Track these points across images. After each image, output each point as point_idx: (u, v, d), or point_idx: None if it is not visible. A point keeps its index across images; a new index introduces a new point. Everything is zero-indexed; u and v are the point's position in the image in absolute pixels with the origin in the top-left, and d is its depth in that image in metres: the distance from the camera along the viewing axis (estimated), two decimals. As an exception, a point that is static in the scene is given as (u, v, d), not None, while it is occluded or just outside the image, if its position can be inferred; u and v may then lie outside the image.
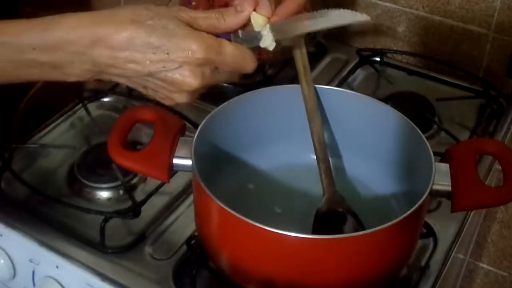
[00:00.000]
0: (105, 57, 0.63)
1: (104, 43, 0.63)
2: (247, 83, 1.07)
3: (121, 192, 0.88)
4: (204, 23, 0.65)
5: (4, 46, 0.63)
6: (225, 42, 0.65)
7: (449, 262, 0.80)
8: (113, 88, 1.04)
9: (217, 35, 0.66)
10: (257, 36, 0.67)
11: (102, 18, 0.64)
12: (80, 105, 1.01)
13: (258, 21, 0.67)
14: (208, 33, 0.65)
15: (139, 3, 0.65)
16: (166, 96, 0.67)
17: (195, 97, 0.67)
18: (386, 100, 0.99)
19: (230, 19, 0.66)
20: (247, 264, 0.67)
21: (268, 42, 0.68)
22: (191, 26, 0.64)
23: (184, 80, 0.64)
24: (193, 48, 0.62)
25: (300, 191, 0.80)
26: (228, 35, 0.67)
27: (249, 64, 0.67)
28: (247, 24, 0.67)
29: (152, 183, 0.87)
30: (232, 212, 0.63)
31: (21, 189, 0.87)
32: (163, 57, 0.62)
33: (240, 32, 0.67)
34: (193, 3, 0.92)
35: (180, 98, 0.66)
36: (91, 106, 1.02)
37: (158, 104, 0.97)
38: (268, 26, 0.67)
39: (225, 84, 1.07)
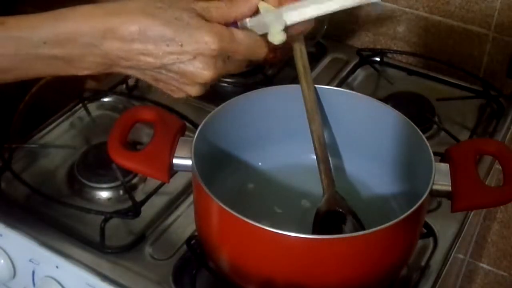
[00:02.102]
0: (116, 50, 0.63)
1: (115, 34, 0.62)
2: (247, 83, 1.07)
3: (121, 192, 0.88)
4: (215, 12, 0.65)
5: (15, 41, 0.63)
6: (237, 31, 0.65)
7: (449, 262, 0.80)
8: (113, 88, 1.04)
9: (227, 25, 0.66)
10: (266, 23, 0.67)
11: (113, 9, 0.63)
12: (80, 105, 1.01)
13: (266, 7, 0.67)
14: (219, 22, 0.65)
15: None
16: (177, 89, 0.67)
17: (206, 89, 0.67)
18: (386, 100, 0.99)
19: (240, 7, 0.66)
20: (247, 264, 0.67)
21: (277, 28, 0.67)
22: (203, 16, 0.64)
23: (198, 72, 0.63)
24: (207, 39, 0.62)
25: (300, 191, 0.80)
26: (236, 24, 0.67)
27: (261, 50, 0.67)
28: (257, 11, 0.67)
29: (152, 183, 0.87)
30: (232, 212, 0.63)
31: (21, 189, 0.87)
32: (177, 49, 0.62)
33: (248, 19, 0.67)
34: None
35: (192, 90, 0.66)
36: (91, 106, 1.02)
37: (158, 104, 0.98)
38: (276, 12, 0.67)
39: (225, 84, 1.07)
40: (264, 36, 0.68)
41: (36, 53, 0.63)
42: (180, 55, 0.62)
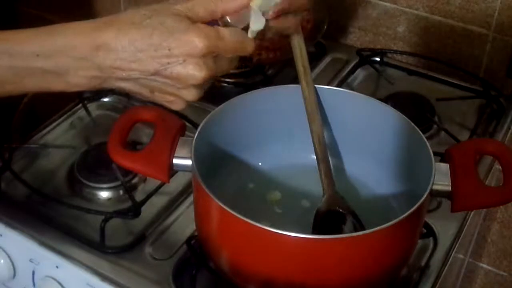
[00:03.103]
0: (110, 60, 0.63)
1: (107, 47, 0.63)
2: (247, 83, 1.07)
3: (121, 192, 0.88)
4: (201, 10, 0.66)
5: (8, 54, 0.63)
6: (222, 28, 0.66)
7: (449, 262, 0.80)
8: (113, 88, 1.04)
9: (212, 23, 0.66)
10: (246, 15, 0.67)
11: (104, 23, 0.64)
12: (80, 105, 1.02)
13: None
14: (206, 19, 0.66)
15: (140, 3, 0.65)
16: (174, 95, 0.67)
17: (202, 93, 0.67)
18: (386, 100, 0.99)
19: (227, 3, 0.66)
20: (247, 264, 0.67)
21: (258, 11, 0.67)
22: (189, 16, 0.65)
23: (189, 73, 0.64)
24: (194, 40, 0.63)
25: (300, 191, 0.80)
26: (217, 22, 0.67)
27: (248, 44, 0.68)
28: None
29: (152, 183, 0.87)
30: (232, 212, 0.63)
31: (21, 189, 0.87)
32: (166, 53, 0.63)
33: (227, 17, 0.68)
34: None
35: (188, 95, 0.66)
36: (91, 106, 1.02)
37: (158, 104, 0.97)
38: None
39: (225, 84, 1.07)
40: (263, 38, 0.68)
41: (28, 66, 0.64)
42: (170, 59, 0.63)
